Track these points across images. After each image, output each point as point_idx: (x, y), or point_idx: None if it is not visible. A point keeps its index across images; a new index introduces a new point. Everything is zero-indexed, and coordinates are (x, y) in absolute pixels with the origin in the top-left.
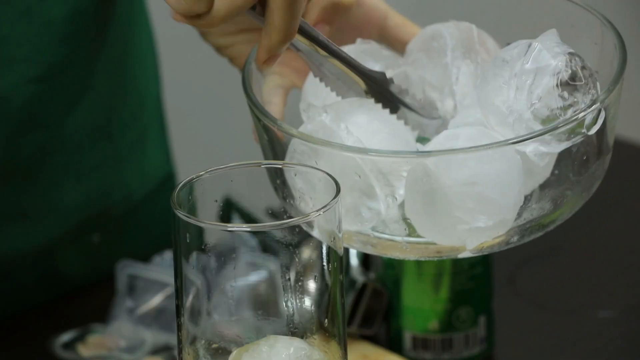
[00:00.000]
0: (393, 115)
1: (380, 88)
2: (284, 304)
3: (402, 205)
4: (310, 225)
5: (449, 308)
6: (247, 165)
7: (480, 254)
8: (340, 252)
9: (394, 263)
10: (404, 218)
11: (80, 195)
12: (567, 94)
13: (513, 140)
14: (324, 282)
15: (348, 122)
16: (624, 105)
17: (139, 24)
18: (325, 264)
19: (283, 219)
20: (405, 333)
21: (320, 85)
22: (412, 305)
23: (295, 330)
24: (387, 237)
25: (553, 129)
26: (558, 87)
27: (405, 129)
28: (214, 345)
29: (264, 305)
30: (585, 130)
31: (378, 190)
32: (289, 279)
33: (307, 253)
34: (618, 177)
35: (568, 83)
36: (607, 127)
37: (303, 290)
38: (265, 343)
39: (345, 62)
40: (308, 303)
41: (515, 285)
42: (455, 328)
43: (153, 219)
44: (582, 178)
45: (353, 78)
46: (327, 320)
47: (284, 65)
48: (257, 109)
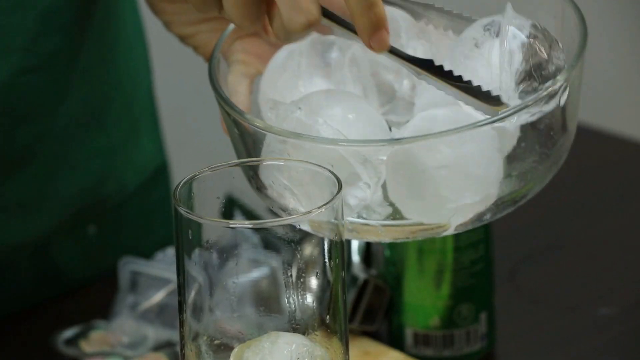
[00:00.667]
0: (364, 102)
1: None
2: (286, 301)
3: (384, 188)
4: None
5: (450, 304)
6: (249, 162)
7: (454, 232)
8: (343, 248)
9: (396, 260)
10: (389, 201)
11: (75, 186)
12: (540, 70)
13: (492, 119)
14: (326, 278)
15: (324, 115)
16: (623, 104)
17: (127, 14)
18: (327, 261)
19: (285, 216)
20: (407, 329)
21: (280, 78)
22: (413, 302)
23: (297, 327)
24: (361, 221)
25: (527, 105)
26: (529, 63)
27: (379, 116)
28: (216, 342)
29: (266, 302)
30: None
31: (365, 177)
32: (291, 276)
33: (308, 250)
34: (618, 174)
35: (539, 58)
36: (570, 99)
37: (305, 287)
38: (267, 339)
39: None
40: (310, 299)
41: (516, 282)
42: (457, 324)
43: (147, 210)
44: (549, 151)
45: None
46: (328, 317)
47: (248, 53)
48: (225, 104)
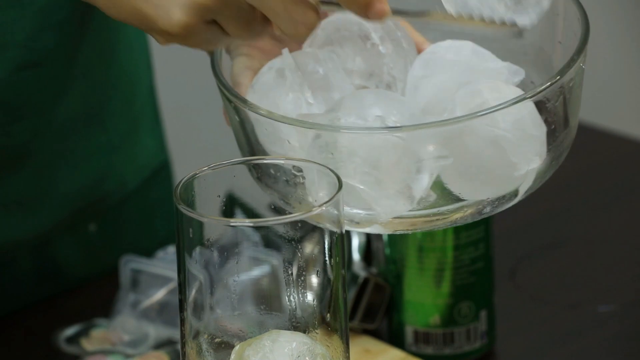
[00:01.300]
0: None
1: None
2: (287, 299)
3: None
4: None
5: (450, 302)
6: (250, 161)
7: (453, 225)
8: (343, 246)
9: (396, 258)
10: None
11: (75, 184)
12: None
13: (537, 91)
14: (326, 276)
15: (368, 114)
16: (622, 102)
17: None
18: (328, 259)
19: (285, 214)
20: (407, 327)
21: (281, 99)
22: (413, 300)
23: (298, 325)
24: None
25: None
26: None
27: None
28: (217, 340)
29: (267, 300)
30: None
31: (427, 163)
32: (292, 274)
33: (309, 248)
34: (618, 172)
35: None
36: (572, 96)
37: (305, 285)
38: (268, 337)
39: None
40: (310, 298)
41: (516, 280)
42: (457, 322)
43: (148, 208)
44: (550, 147)
45: None
46: (329, 315)
47: (251, 47)
48: (227, 91)
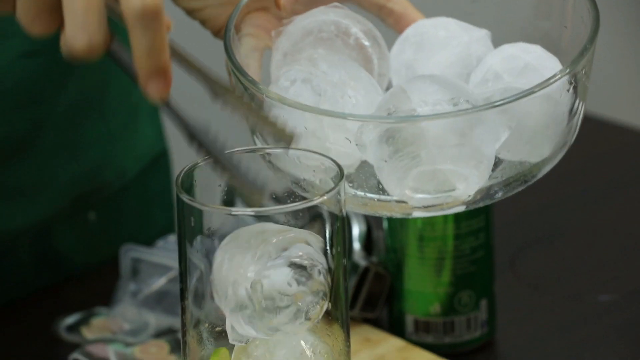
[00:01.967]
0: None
1: None
2: None
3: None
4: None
5: (451, 292)
6: (251, 150)
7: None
8: (344, 236)
9: (396, 247)
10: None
11: (74, 172)
12: None
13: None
14: (327, 265)
15: (439, 99)
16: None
17: None
18: (329, 248)
19: (286, 203)
20: (407, 316)
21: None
22: (414, 289)
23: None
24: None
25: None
26: None
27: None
28: (218, 329)
29: None
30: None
31: (500, 133)
32: None
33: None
34: (619, 162)
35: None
36: (580, 83)
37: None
38: None
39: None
40: None
41: (517, 270)
42: (457, 311)
43: (147, 197)
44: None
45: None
46: (330, 304)
47: (258, 27)
48: (241, 75)
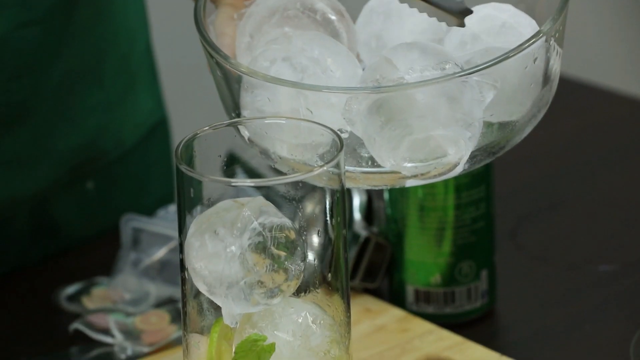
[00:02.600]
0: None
1: None
2: None
3: None
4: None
5: (451, 262)
6: (251, 121)
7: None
8: (344, 206)
9: (397, 217)
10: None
11: (72, 141)
12: None
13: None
14: (327, 236)
15: (426, 65)
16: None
17: None
18: (329, 219)
19: (286, 174)
20: (408, 287)
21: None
22: (414, 259)
23: (299, 284)
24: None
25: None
26: None
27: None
28: None
29: None
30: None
31: (486, 94)
32: None
33: (310, 207)
34: (619, 132)
35: None
36: (553, 53)
37: (306, 245)
38: (278, 304)
39: None
40: (311, 257)
41: (517, 240)
42: (458, 282)
43: (146, 166)
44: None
45: None
46: (330, 274)
47: None
48: (209, 46)
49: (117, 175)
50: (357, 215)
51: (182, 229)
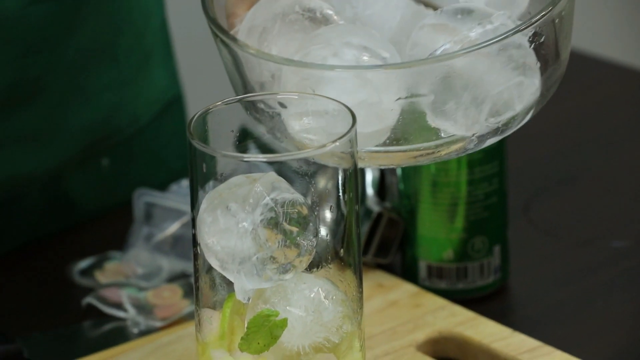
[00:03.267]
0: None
1: None
2: None
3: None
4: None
5: (464, 237)
6: (263, 96)
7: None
8: (357, 181)
9: (410, 193)
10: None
11: (86, 118)
12: None
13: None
14: (340, 211)
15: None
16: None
17: None
18: (341, 194)
19: (299, 150)
20: (420, 262)
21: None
22: (427, 235)
23: (312, 260)
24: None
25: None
26: None
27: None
28: None
29: None
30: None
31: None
32: None
33: (322, 183)
34: (633, 106)
35: None
36: (562, 31)
37: (319, 220)
38: (291, 280)
39: None
40: (324, 232)
41: (530, 215)
42: (470, 257)
43: (160, 142)
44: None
45: None
46: (342, 250)
47: None
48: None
49: (132, 152)
50: (369, 191)
51: (194, 205)
